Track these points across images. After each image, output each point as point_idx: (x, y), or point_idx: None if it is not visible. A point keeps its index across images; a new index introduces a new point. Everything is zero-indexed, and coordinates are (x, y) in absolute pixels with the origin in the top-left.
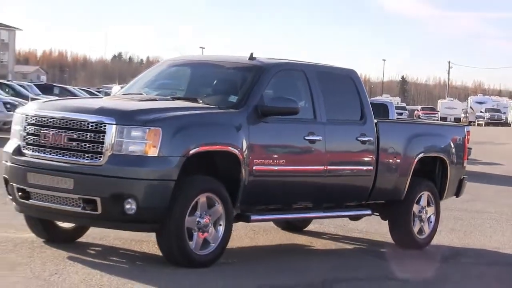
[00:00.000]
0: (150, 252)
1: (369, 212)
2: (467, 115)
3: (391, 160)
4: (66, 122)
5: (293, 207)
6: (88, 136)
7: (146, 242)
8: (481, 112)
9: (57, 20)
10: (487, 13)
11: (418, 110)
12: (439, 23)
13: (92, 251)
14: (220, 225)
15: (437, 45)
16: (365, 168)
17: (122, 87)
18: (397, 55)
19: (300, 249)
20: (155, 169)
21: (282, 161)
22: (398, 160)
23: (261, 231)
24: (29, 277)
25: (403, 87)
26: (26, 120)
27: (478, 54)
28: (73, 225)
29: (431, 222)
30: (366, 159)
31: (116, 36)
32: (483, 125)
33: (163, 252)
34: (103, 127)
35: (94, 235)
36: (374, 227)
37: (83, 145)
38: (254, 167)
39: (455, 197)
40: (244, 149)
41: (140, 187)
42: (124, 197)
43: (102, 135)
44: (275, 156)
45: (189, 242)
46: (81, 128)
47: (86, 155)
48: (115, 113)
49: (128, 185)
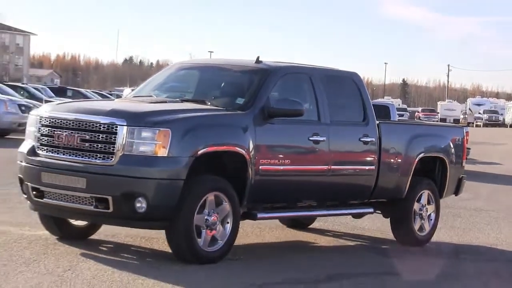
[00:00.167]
0: (160, 249)
1: (371, 210)
2: (466, 116)
3: (392, 160)
4: (79, 123)
5: (298, 206)
6: (100, 137)
7: (156, 239)
8: (479, 113)
9: (70, 25)
10: (485, 18)
11: (418, 112)
12: (439, 27)
13: (104, 248)
14: (228, 222)
15: (437, 49)
16: (367, 167)
17: (132, 90)
18: (399, 58)
19: (304, 246)
20: (164, 169)
21: (287, 161)
22: (399, 160)
23: (267, 228)
24: (43, 273)
25: (404, 89)
26: (40, 122)
27: (476, 57)
28: (86, 223)
29: (431, 220)
30: (369, 159)
31: (127, 40)
32: (481, 126)
33: (172, 249)
34: (114, 128)
35: (106, 232)
36: (376, 224)
37: (95, 145)
38: (260, 167)
39: (454, 195)
40: (250, 149)
41: (150, 186)
42: (135, 196)
43: (113, 136)
44: (281, 156)
45: (198, 239)
46: (93, 129)
47: (98, 155)
48: (126, 114)
49: (139, 184)
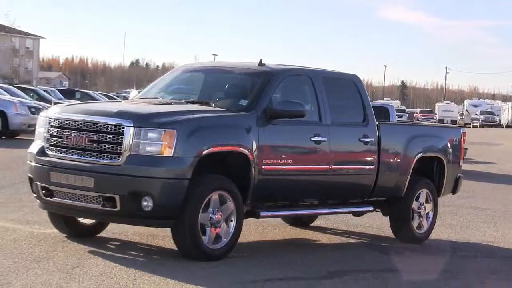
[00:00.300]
0: (166, 247)
1: (371, 208)
2: (463, 117)
3: (391, 160)
4: (87, 124)
5: (300, 204)
6: (107, 138)
7: (162, 237)
8: (476, 114)
9: (78, 29)
10: (482, 21)
11: (417, 113)
12: (436, 31)
13: (112, 246)
14: (232, 221)
15: (434, 52)
16: (367, 167)
17: (139, 92)
18: (398, 61)
19: (306, 244)
20: (170, 169)
21: (289, 161)
22: (399, 160)
23: (269, 226)
24: (52, 270)
25: (403, 91)
26: (50, 123)
27: (473, 60)
28: (94, 221)
29: (429, 218)
30: (368, 158)
31: (134, 44)
32: (478, 126)
33: (178, 246)
34: (121, 129)
35: (113, 230)
36: (376, 222)
37: (102, 146)
38: (263, 167)
39: (452, 194)
40: (254, 150)
41: (156, 185)
42: (141, 195)
43: (120, 136)
44: (283, 156)
45: (203, 237)
46: (101, 130)
47: (106, 156)
48: (133, 116)
49: (145, 184)
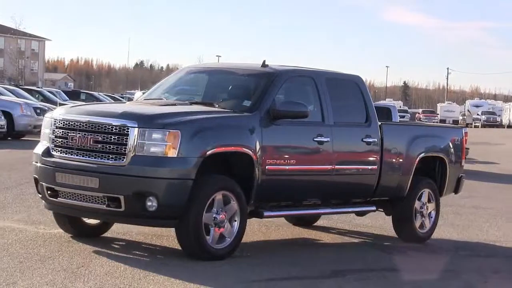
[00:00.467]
0: (170, 246)
1: (373, 208)
2: (465, 117)
3: (394, 160)
4: (92, 125)
5: (303, 204)
6: (112, 139)
7: (166, 237)
8: (477, 114)
9: (83, 31)
10: (483, 23)
11: (419, 113)
12: (438, 32)
13: (116, 246)
14: (235, 221)
15: (436, 53)
16: (370, 167)
17: (143, 93)
18: (400, 62)
19: (310, 243)
20: (174, 169)
21: (292, 161)
22: (401, 160)
23: (273, 226)
24: (58, 269)
25: (405, 91)
26: (55, 124)
27: (475, 60)
28: (98, 221)
29: (431, 217)
30: (371, 159)
31: (138, 45)
32: (480, 127)
33: (182, 246)
34: (126, 130)
35: (118, 230)
36: (379, 222)
37: (107, 147)
38: (267, 167)
39: (454, 194)
40: (257, 150)
41: (160, 185)
42: (145, 195)
43: (125, 137)
44: (286, 156)
45: (206, 237)
46: (106, 131)
47: (110, 156)
48: (137, 117)
49: (150, 184)
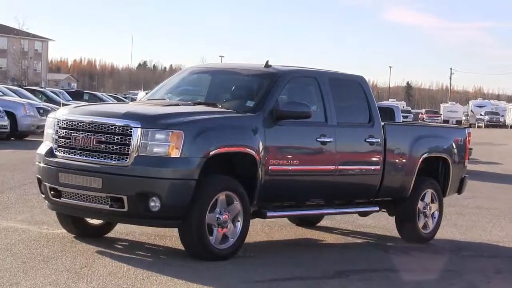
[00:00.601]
0: (173, 247)
1: (377, 208)
2: (468, 118)
3: (397, 160)
4: (95, 125)
5: (306, 204)
6: (115, 139)
7: (169, 237)
8: (481, 115)
9: (86, 32)
10: (486, 23)
11: (422, 114)
12: (441, 32)
13: (119, 246)
14: (238, 221)
15: (439, 53)
16: (373, 167)
17: (147, 93)
18: (403, 62)
19: (313, 244)
20: (177, 169)
21: (296, 161)
22: (404, 160)
23: (276, 226)
24: (61, 270)
25: (408, 92)
26: (58, 124)
27: (478, 61)
28: (101, 221)
29: (434, 218)
30: (374, 159)
31: (141, 45)
32: (483, 127)
33: (185, 246)
34: (129, 130)
35: (121, 231)
36: (382, 222)
37: (110, 147)
38: (270, 167)
39: (457, 194)
40: (260, 150)
41: (163, 186)
42: (149, 196)
43: (128, 137)
44: (289, 156)
45: (210, 237)
46: (109, 131)
47: (114, 157)
48: (140, 117)
49: (153, 184)
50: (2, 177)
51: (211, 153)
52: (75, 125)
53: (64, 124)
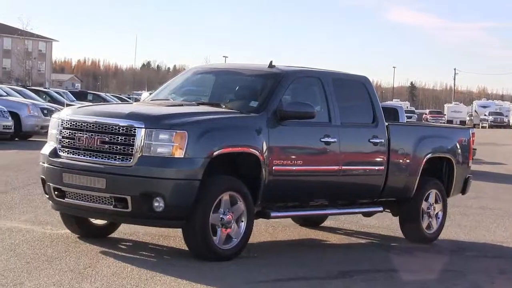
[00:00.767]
0: (177, 247)
1: (380, 209)
2: (472, 118)
3: (401, 160)
4: (99, 126)
5: (310, 205)
6: (119, 139)
7: (173, 237)
8: (485, 115)
9: (90, 32)
10: (487, 23)
11: (426, 114)
12: (443, 32)
13: (123, 246)
14: (242, 221)
15: (443, 53)
16: (377, 168)
17: (150, 94)
18: (407, 62)
19: (316, 244)
20: (181, 170)
21: (299, 162)
22: (408, 160)
23: (280, 227)
24: (65, 270)
25: (412, 92)
26: (62, 125)
27: (482, 61)
28: (105, 222)
29: (438, 218)
30: (378, 159)
31: (145, 46)
32: (487, 127)
33: (189, 246)
34: (133, 130)
35: (125, 231)
36: (386, 223)
37: (114, 147)
38: (274, 167)
39: (461, 194)
40: (264, 151)
41: (167, 186)
42: (152, 196)
43: (132, 138)
44: (293, 157)
45: (213, 238)
46: (113, 131)
47: (117, 157)
48: (144, 117)
49: (157, 185)
50: (6, 177)
51: (215, 153)
52: (79, 125)
53: (68, 124)
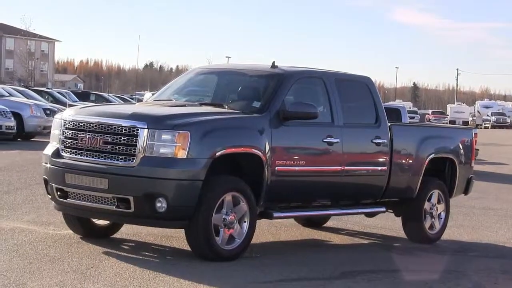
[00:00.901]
0: (180, 247)
1: (383, 209)
2: (475, 118)
3: (403, 161)
4: (101, 126)
5: (313, 205)
6: (121, 140)
7: (176, 238)
8: (487, 115)
9: (93, 33)
10: (491, 24)
11: (429, 114)
12: (445, 33)
13: (126, 247)
14: (245, 221)
15: (446, 54)
16: (379, 168)
17: (153, 94)
18: (409, 63)
19: (319, 244)
20: (184, 170)
21: (302, 162)
22: (410, 161)
23: (282, 227)
24: (67, 270)
25: (415, 92)
26: (64, 125)
27: (484, 61)
28: (108, 222)
29: (441, 218)
30: (381, 159)
31: (148, 46)
32: (490, 127)
33: (191, 247)
34: (135, 131)
35: (127, 231)
36: (388, 223)
37: (117, 147)
38: (276, 168)
39: (463, 194)
40: (267, 151)
41: (170, 186)
42: (155, 196)
43: (134, 138)
44: (296, 157)
45: (216, 238)
46: (115, 132)
47: (120, 157)
48: (147, 118)
49: (159, 185)
50: (8, 177)
51: (218, 153)
52: (81, 125)
53: (71, 125)
